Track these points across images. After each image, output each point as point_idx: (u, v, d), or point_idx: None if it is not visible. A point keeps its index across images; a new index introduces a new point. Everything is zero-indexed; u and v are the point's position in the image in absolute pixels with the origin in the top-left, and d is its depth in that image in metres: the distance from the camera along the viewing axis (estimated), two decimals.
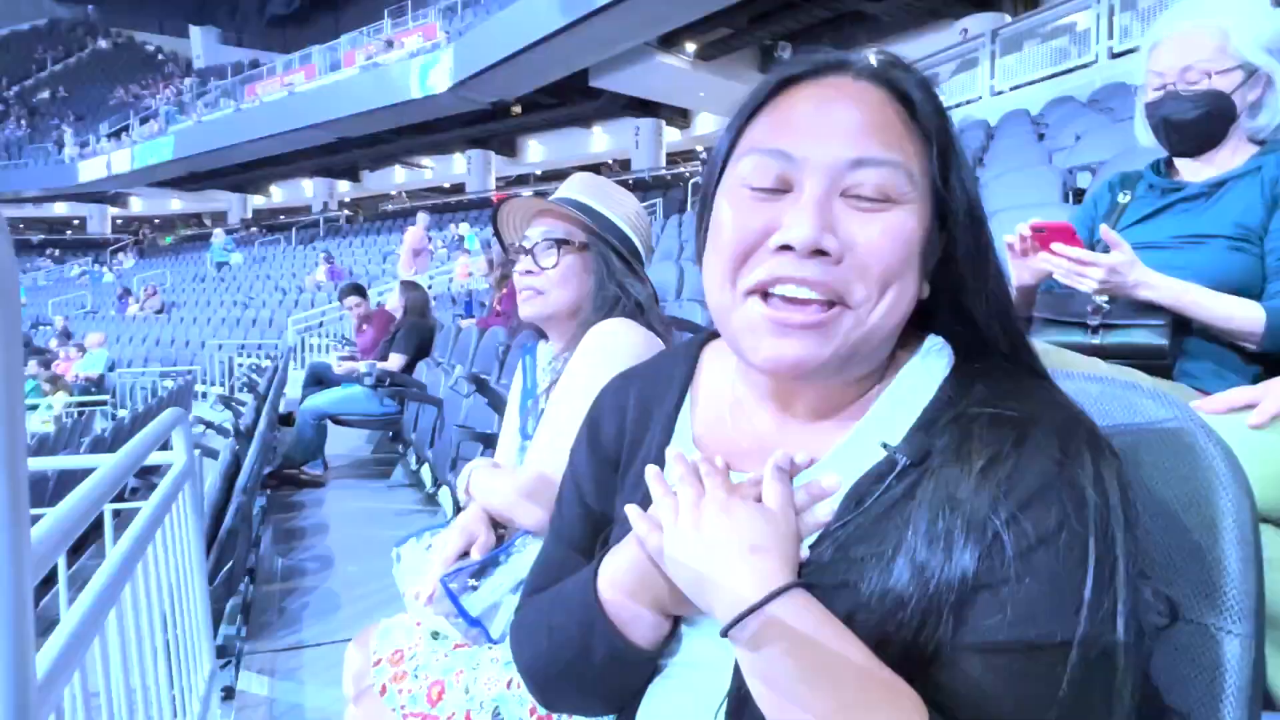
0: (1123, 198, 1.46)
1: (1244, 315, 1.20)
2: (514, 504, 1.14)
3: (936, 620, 0.50)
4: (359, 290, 5.59)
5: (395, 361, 4.64)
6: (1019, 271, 1.37)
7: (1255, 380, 1.25)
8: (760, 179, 0.56)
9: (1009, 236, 1.33)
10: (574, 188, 1.27)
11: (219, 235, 19.48)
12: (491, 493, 1.19)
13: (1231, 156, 1.35)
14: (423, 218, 12.19)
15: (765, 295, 0.56)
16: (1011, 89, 8.76)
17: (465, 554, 1.16)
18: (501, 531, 1.22)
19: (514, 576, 1.11)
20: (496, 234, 1.34)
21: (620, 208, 1.26)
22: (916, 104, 0.56)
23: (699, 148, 18.69)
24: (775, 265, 0.54)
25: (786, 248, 0.54)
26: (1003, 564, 0.50)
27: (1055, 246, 1.26)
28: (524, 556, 1.13)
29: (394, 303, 5.10)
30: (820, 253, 0.53)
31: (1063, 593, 0.49)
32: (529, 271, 1.23)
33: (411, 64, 16.58)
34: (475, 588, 1.09)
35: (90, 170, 25.55)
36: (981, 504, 0.51)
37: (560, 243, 1.22)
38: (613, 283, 1.21)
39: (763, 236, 0.55)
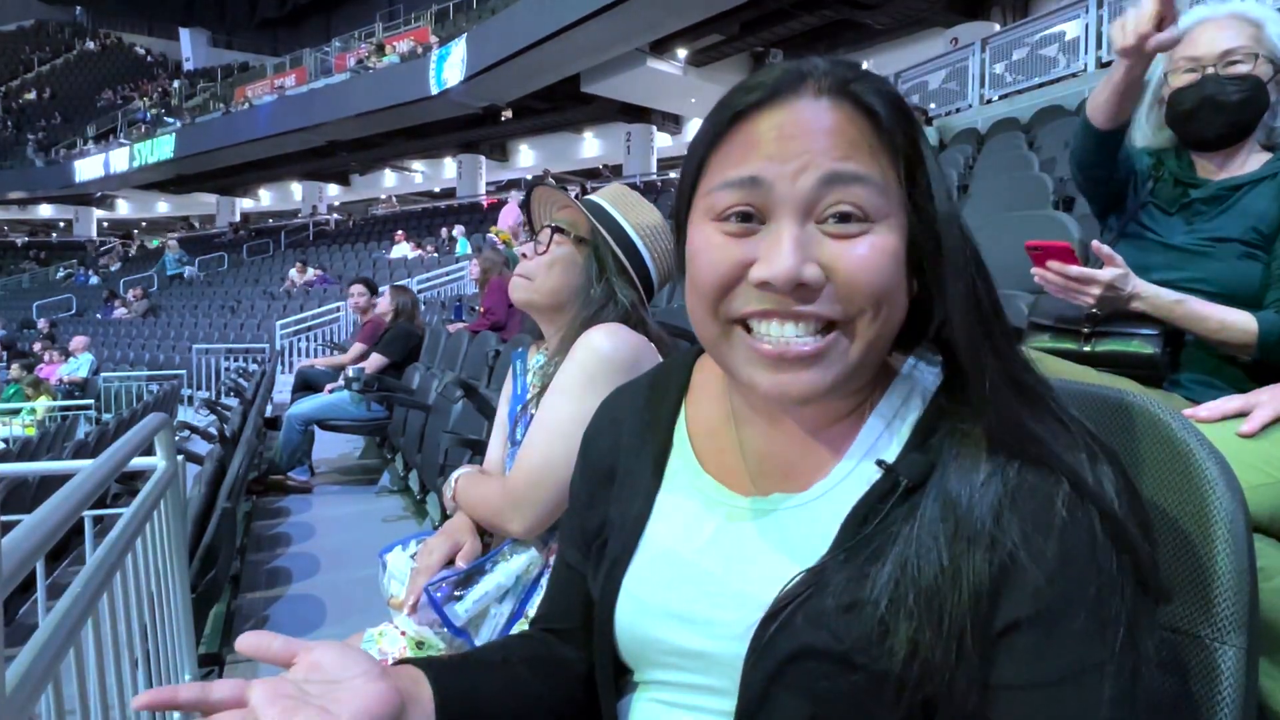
0: (1155, 172, 1.42)
1: (1237, 326, 1.20)
2: (500, 511, 1.13)
3: (959, 649, 0.49)
4: (365, 282, 5.69)
5: (374, 362, 4.63)
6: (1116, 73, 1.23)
7: (1246, 390, 1.25)
8: (730, 212, 0.54)
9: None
10: (603, 193, 1.29)
11: (172, 246, 18.94)
12: (478, 500, 1.19)
13: (1245, 161, 1.34)
14: (516, 195, 12.26)
15: (747, 329, 0.54)
16: (1001, 97, 8.83)
17: (451, 562, 1.15)
18: (488, 539, 1.21)
19: (500, 585, 1.10)
20: (528, 219, 1.37)
21: (637, 217, 1.25)
22: (881, 116, 0.53)
23: None
24: (756, 299, 0.53)
25: (766, 284, 0.52)
26: (1022, 592, 0.49)
27: (1052, 265, 1.25)
28: (510, 565, 1.12)
29: (384, 308, 5.10)
30: (802, 285, 0.51)
31: (1089, 614, 0.48)
32: (526, 255, 1.26)
33: (429, 60, 16.44)
34: (460, 597, 1.08)
35: (87, 169, 25.25)
36: (985, 519, 0.50)
37: (559, 230, 1.24)
38: (601, 283, 1.20)
39: (740, 270, 0.54)
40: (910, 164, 0.54)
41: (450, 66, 15.82)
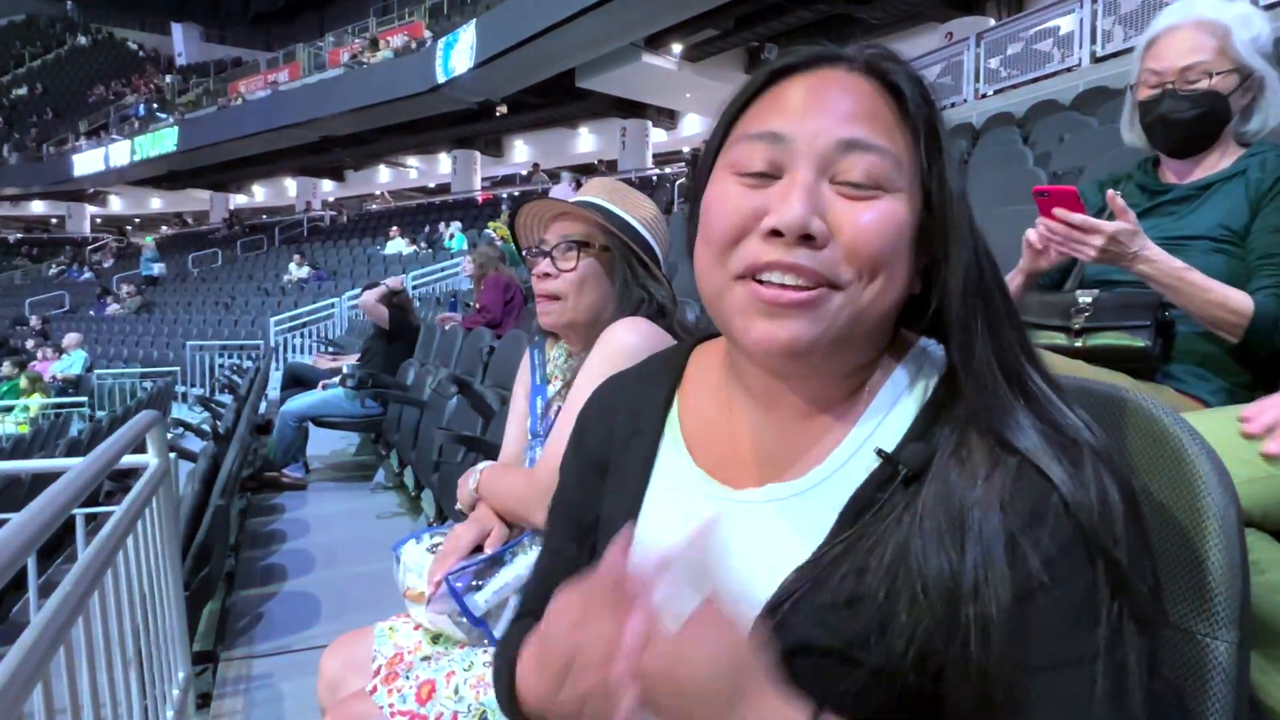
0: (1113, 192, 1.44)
1: (1235, 303, 1.19)
2: (524, 501, 1.13)
3: (963, 638, 0.49)
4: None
5: (378, 311, 4.80)
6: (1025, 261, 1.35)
7: (1239, 382, 1.25)
8: (750, 164, 0.56)
9: (1030, 232, 1.30)
10: (594, 191, 1.26)
11: (149, 246, 18.76)
12: (505, 491, 1.18)
13: (1219, 160, 1.35)
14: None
15: (754, 280, 0.55)
16: (995, 92, 8.82)
17: (477, 550, 1.15)
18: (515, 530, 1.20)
19: (519, 577, 1.11)
20: (514, 236, 1.32)
21: (639, 211, 1.25)
22: (907, 97, 0.56)
23: (685, 149, 18.70)
24: (764, 249, 0.54)
25: (775, 233, 0.53)
26: (1023, 581, 0.49)
27: (1057, 212, 1.24)
28: (529, 557, 1.13)
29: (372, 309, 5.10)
30: (808, 238, 0.53)
31: (1082, 606, 0.48)
32: (546, 274, 1.21)
33: (433, 49, 16.19)
34: (480, 587, 1.09)
35: (86, 164, 24.92)
36: (991, 513, 0.50)
37: (580, 244, 1.20)
38: (636, 285, 1.20)
39: (753, 220, 0.55)
40: (928, 147, 0.56)
41: (458, 54, 15.63)
